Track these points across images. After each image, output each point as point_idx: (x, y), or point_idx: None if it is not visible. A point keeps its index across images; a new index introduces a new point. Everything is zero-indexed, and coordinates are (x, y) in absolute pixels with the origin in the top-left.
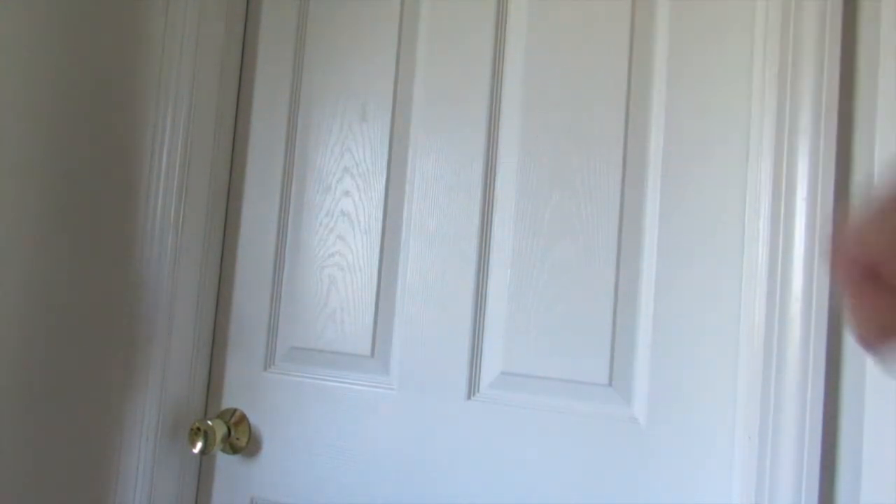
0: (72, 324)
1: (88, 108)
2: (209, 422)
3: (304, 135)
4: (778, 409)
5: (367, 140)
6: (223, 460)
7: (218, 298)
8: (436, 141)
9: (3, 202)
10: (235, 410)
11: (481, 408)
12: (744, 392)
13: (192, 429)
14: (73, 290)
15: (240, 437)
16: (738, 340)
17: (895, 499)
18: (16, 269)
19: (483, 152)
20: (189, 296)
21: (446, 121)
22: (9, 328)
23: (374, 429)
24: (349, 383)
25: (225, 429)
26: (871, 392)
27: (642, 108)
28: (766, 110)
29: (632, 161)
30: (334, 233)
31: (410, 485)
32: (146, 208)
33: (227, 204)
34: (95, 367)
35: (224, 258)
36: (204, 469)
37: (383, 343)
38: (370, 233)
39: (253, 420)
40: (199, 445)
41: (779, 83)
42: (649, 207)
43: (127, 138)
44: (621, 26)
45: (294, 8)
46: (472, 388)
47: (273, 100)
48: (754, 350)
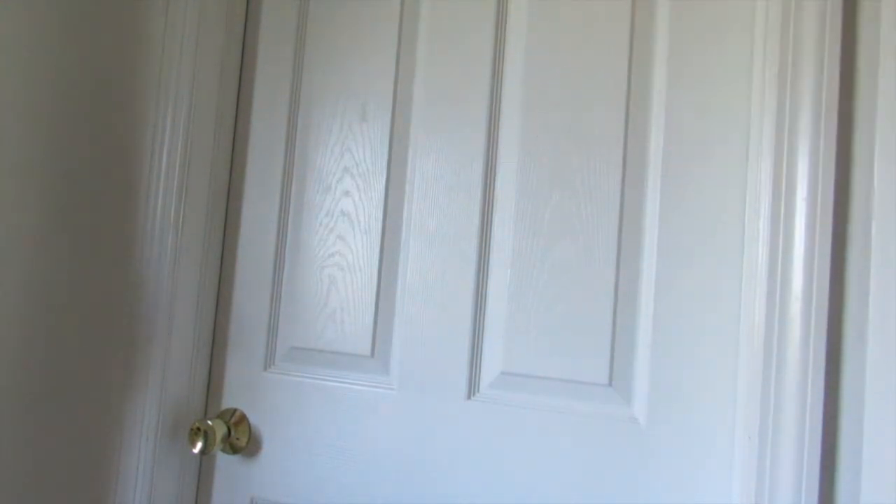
0: (72, 324)
1: (88, 108)
2: (209, 422)
3: (304, 135)
4: (778, 409)
5: (367, 140)
6: (223, 460)
7: (218, 298)
8: (436, 141)
9: (3, 202)
10: (235, 410)
11: (481, 408)
12: (744, 392)
13: (192, 429)
14: (73, 290)
15: (240, 437)
16: (738, 340)
17: (895, 499)
18: (16, 269)
19: (483, 152)
20: (189, 296)
21: (446, 121)
22: (9, 328)
23: (374, 429)
24: (349, 383)
25: (225, 429)
26: (871, 392)
27: (642, 108)
28: (766, 110)
29: (632, 161)
30: (334, 233)
31: (410, 485)
32: (146, 208)
33: (227, 204)
34: (95, 367)
35: (224, 258)
36: (204, 469)
37: (383, 343)
38: (370, 233)
39: (253, 420)
40: (199, 445)
41: (779, 83)
42: (649, 207)
43: (127, 138)
44: (621, 26)
45: (294, 8)
46: (472, 388)
47: (273, 100)
48: (754, 350)
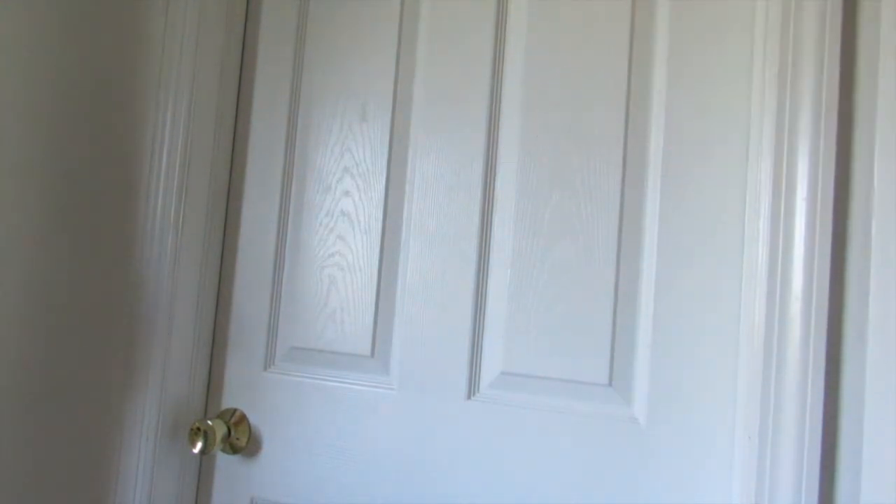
0: (72, 324)
1: (88, 108)
2: (209, 422)
3: (304, 135)
4: (778, 409)
5: (367, 140)
6: (223, 460)
7: (218, 298)
8: (436, 141)
9: (3, 202)
10: (235, 410)
11: (481, 408)
12: (744, 392)
13: (192, 429)
14: (73, 290)
15: (240, 437)
16: (738, 340)
17: (895, 499)
18: (16, 269)
19: (483, 152)
20: (189, 296)
21: (446, 121)
22: (9, 328)
23: (374, 429)
24: (349, 383)
25: (225, 429)
26: (871, 392)
27: (642, 108)
28: (766, 110)
29: (632, 161)
30: (334, 233)
31: (410, 485)
32: (146, 208)
33: (227, 204)
34: (95, 367)
35: (224, 258)
36: (204, 469)
37: (383, 343)
38: (370, 233)
39: (253, 420)
40: (199, 445)
41: (779, 83)
42: (649, 207)
43: (127, 138)
44: (621, 26)
45: (294, 8)
46: (472, 388)
47: (273, 100)
48: (754, 350)
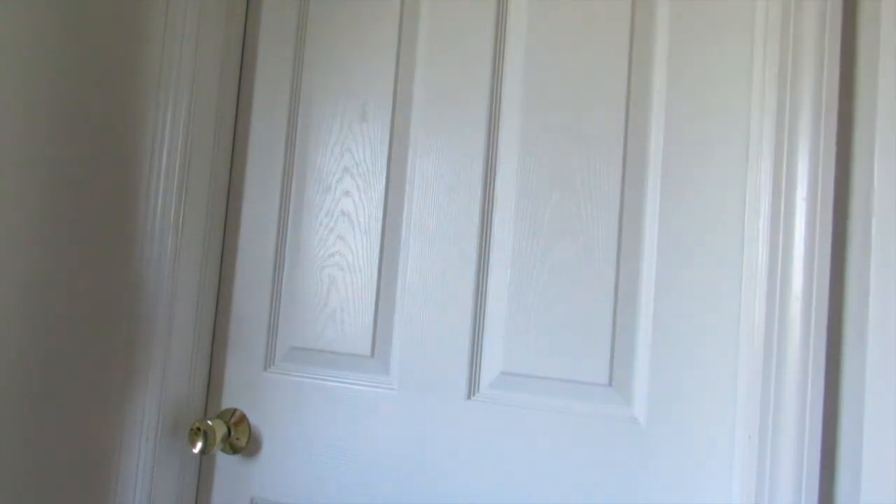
0: (72, 324)
1: (88, 108)
2: (209, 422)
3: (304, 135)
4: (778, 409)
5: (367, 140)
6: (223, 460)
7: (218, 298)
8: (436, 141)
9: (3, 202)
10: (235, 410)
11: (481, 408)
12: (744, 392)
13: (192, 429)
14: (73, 290)
15: (240, 437)
16: (738, 340)
17: (895, 499)
18: (16, 269)
19: (483, 152)
20: (189, 296)
21: (446, 121)
22: (9, 328)
23: (374, 429)
24: (349, 383)
25: (225, 429)
26: (871, 392)
27: (642, 108)
28: (766, 110)
29: (632, 161)
30: (334, 233)
31: (410, 485)
32: (146, 208)
33: (227, 204)
34: (95, 367)
35: (224, 258)
36: (204, 469)
37: (383, 343)
38: (370, 233)
39: (253, 420)
40: (199, 445)
41: (779, 83)
42: (649, 207)
43: (127, 138)
44: (621, 26)
45: (294, 8)
46: (472, 388)
47: (273, 100)
48: (754, 350)
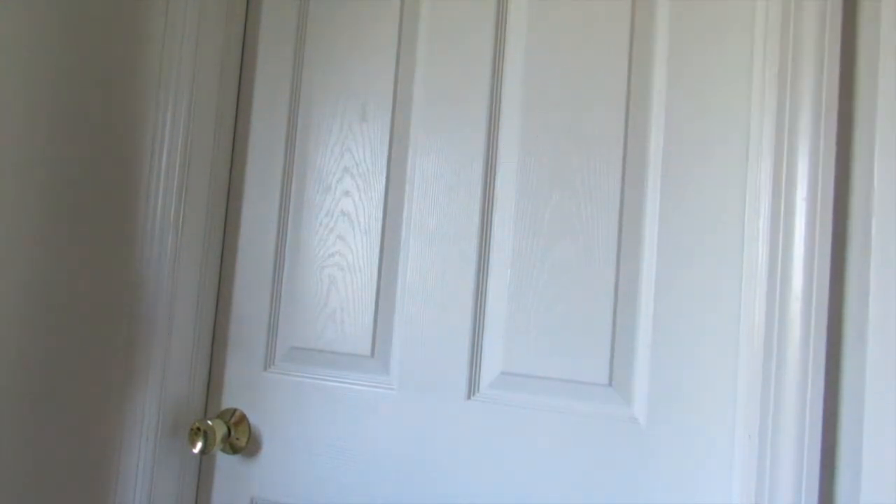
0: (72, 324)
1: (88, 108)
2: (209, 422)
3: (304, 135)
4: (778, 409)
5: (367, 140)
6: (223, 460)
7: (218, 298)
8: (436, 141)
9: (3, 202)
10: (235, 410)
11: (481, 408)
12: (744, 392)
13: (192, 429)
14: (73, 290)
15: (240, 437)
16: (738, 340)
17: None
18: (16, 269)
19: (483, 152)
20: (189, 296)
21: (446, 121)
22: (9, 328)
23: (374, 429)
24: (349, 383)
25: (225, 429)
26: (871, 392)
27: (642, 108)
28: (766, 110)
29: (632, 161)
30: (334, 233)
31: (410, 485)
32: (146, 208)
33: (227, 204)
34: (95, 367)
35: (224, 258)
36: (204, 469)
37: (383, 343)
38: (370, 233)
39: (253, 420)
40: (199, 445)
41: (779, 83)
42: (649, 207)
43: (127, 138)
44: (621, 26)
45: (294, 8)
46: (472, 388)
47: (273, 100)
48: (754, 350)
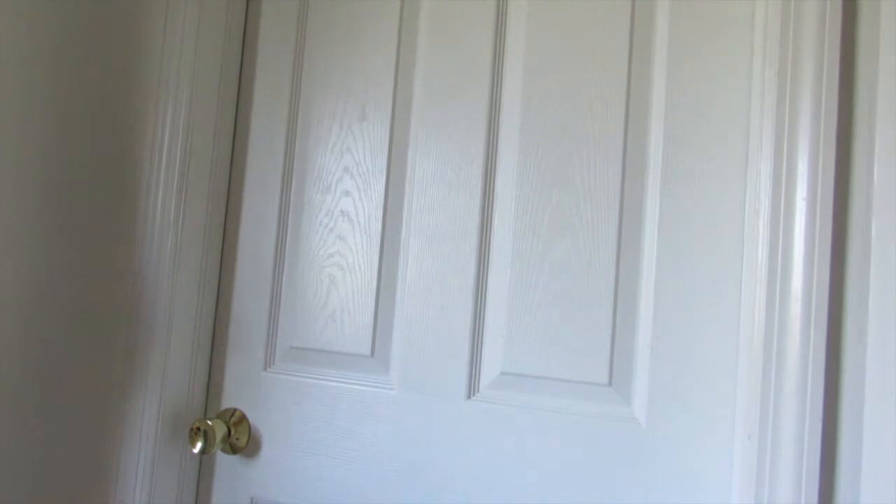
0: (72, 324)
1: (88, 109)
2: (209, 422)
3: (304, 135)
4: (778, 409)
5: (367, 140)
6: (223, 460)
7: (218, 298)
8: (436, 140)
9: (3, 202)
10: (235, 410)
11: (481, 408)
12: (744, 392)
13: (192, 429)
14: (72, 290)
15: (240, 437)
16: (738, 340)
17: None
18: (15, 270)
19: (483, 152)
20: (189, 296)
21: (446, 120)
22: (8, 328)
23: (373, 429)
24: (349, 383)
25: (225, 429)
26: (871, 392)
27: (642, 108)
28: (765, 110)
29: (632, 161)
30: (334, 233)
31: (410, 485)
32: (146, 208)
33: (227, 204)
34: (95, 368)
35: (224, 258)
36: (204, 469)
37: (383, 343)
38: (370, 233)
39: (253, 420)
40: (199, 445)
41: (779, 83)
42: (649, 207)
43: (127, 138)
44: (621, 26)
45: (294, 8)
46: (472, 388)
47: (273, 100)
48: (754, 350)
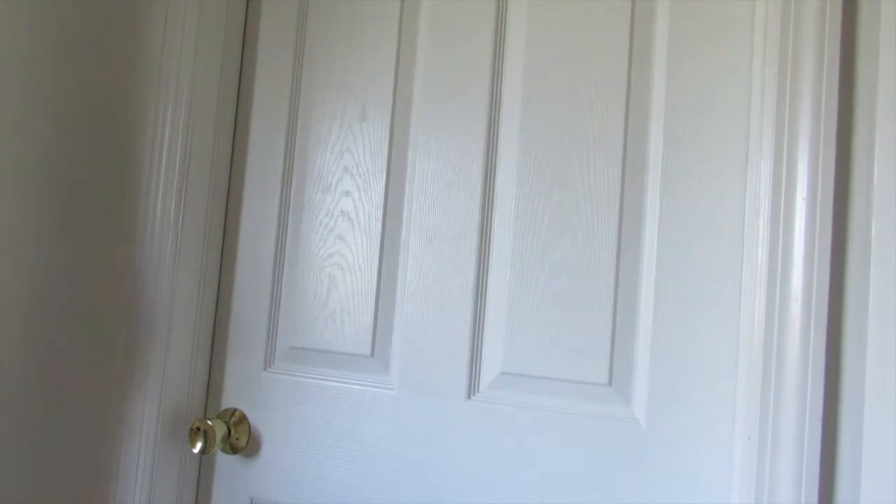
0: (72, 324)
1: (88, 108)
2: (209, 422)
3: (304, 135)
4: (778, 409)
5: (367, 140)
6: (223, 460)
7: (218, 298)
8: (436, 140)
9: (3, 202)
10: (235, 410)
11: (481, 408)
12: (744, 392)
13: (192, 429)
14: (72, 290)
15: (239, 436)
16: (738, 340)
17: (895, 499)
18: (16, 270)
19: (483, 152)
20: (189, 296)
21: (446, 120)
22: (8, 328)
23: (373, 429)
24: (349, 383)
25: (225, 429)
26: (871, 392)
27: (642, 108)
28: (765, 110)
29: (632, 161)
30: (334, 233)
31: (410, 484)
32: (146, 208)
33: (227, 204)
34: (95, 367)
35: (224, 258)
36: (204, 469)
37: (383, 343)
38: (370, 233)
39: (253, 420)
40: (199, 445)
41: (779, 83)
42: (649, 207)
43: (127, 138)
44: (621, 26)
45: (294, 8)
46: (472, 388)
47: (273, 100)
48: (754, 350)
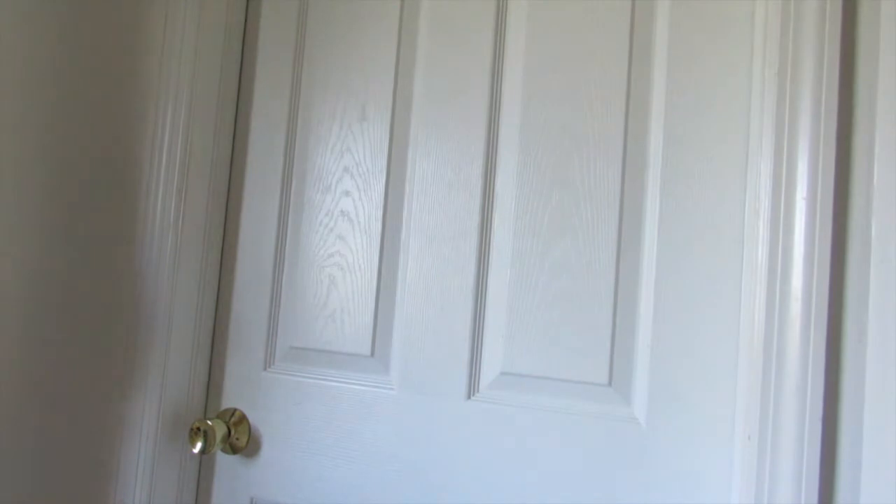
0: (72, 324)
1: (88, 108)
2: (209, 422)
3: (304, 135)
4: (778, 409)
5: (367, 140)
6: (223, 460)
7: (218, 298)
8: (436, 140)
9: (3, 202)
10: (235, 410)
11: (481, 408)
12: (744, 392)
13: (192, 429)
14: (73, 289)
15: (239, 436)
16: (738, 340)
17: (895, 499)
18: (15, 270)
19: (483, 151)
20: (189, 296)
21: (446, 120)
22: (8, 328)
23: (373, 429)
24: (349, 383)
25: (225, 429)
26: (871, 392)
27: (642, 108)
28: (765, 110)
29: (632, 160)
30: (334, 233)
31: (410, 485)
32: (146, 208)
33: (227, 204)
34: (96, 367)
35: (224, 258)
36: (204, 469)
37: (383, 343)
38: (370, 233)
39: (253, 420)
40: (199, 445)
41: (779, 83)
42: (649, 207)
43: (127, 138)
44: (621, 26)
45: (294, 8)
46: (472, 388)
47: (273, 100)
48: (754, 350)
